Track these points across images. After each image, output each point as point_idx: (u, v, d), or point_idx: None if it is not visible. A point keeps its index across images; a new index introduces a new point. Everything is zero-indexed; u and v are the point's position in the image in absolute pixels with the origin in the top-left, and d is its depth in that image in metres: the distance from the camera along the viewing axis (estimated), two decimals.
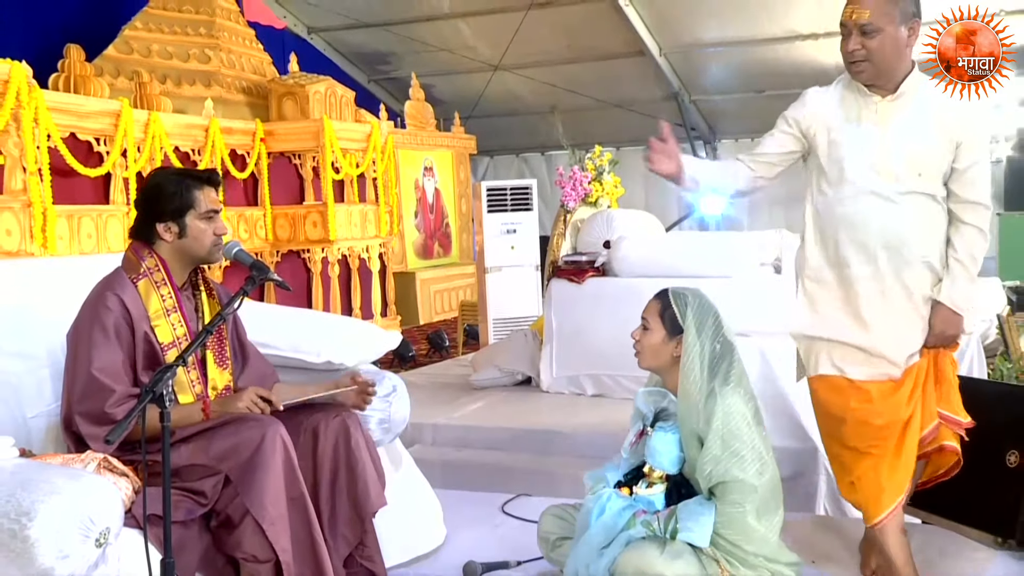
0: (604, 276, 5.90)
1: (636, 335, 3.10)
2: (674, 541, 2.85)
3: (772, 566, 2.85)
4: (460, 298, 11.79)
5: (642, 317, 3.09)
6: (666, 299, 3.05)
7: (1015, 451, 3.31)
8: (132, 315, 2.86)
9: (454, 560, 3.56)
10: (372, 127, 10.54)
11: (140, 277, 2.92)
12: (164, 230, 2.94)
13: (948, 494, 3.49)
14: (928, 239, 2.98)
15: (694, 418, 2.89)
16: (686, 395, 2.92)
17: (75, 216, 7.43)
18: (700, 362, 2.92)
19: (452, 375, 6.80)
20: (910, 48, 2.95)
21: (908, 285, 2.98)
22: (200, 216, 2.95)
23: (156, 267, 2.95)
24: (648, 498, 2.99)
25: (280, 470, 2.76)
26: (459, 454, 5.00)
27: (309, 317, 4.16)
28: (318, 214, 9.71)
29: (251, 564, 2.74)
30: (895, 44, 2.91)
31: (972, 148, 2.97)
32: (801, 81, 13.91)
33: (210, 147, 8.88)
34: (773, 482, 2.88)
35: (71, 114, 7.49)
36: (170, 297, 2.95)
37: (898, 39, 2.92)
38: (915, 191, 2.96)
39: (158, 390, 2.32)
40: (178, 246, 2.96)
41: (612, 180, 6.61)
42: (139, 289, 2.90)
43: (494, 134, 14.52)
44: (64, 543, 2.27)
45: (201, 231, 2.95)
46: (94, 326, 2.83)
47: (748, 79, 12.97)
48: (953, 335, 3.00)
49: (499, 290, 7.72)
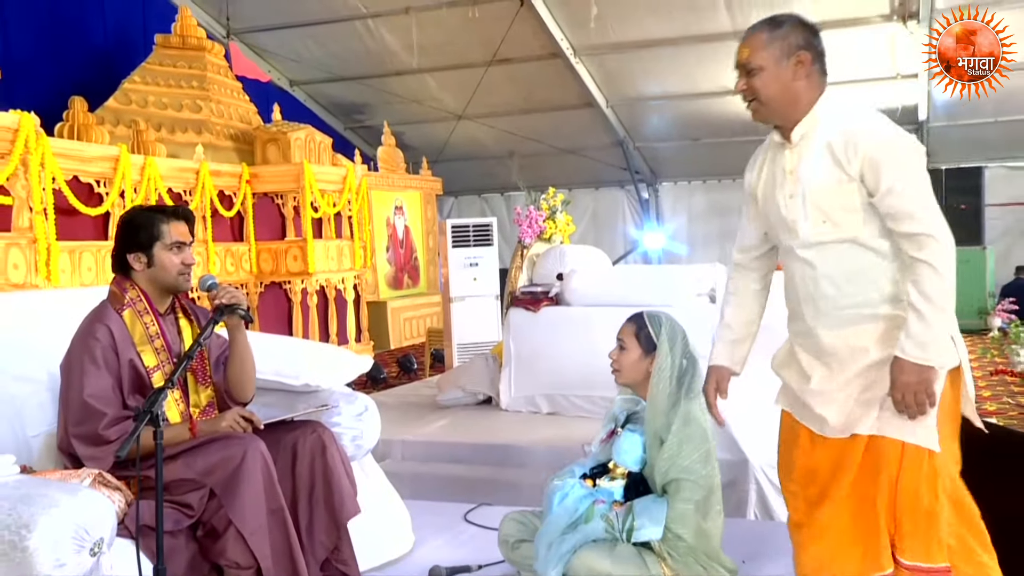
0: (557, 305, 5.91)
1: (614, 355, 3.14)
2: (624, 544, 2.87)
3: (712, 565, 2.87)
4: (427, 325, 11.76)
5: (618, 338, 3.14)
6: (641, 320, 3.11)
7: None
8: (118, 343, 2.83)
9: (421, 565, 3.54)
10: (348, 170, 10.52)
11: (124, 307, 2.90)
12: (134, 260, 2.92)
13: None
14: (856, 290, 2.37)
15: (659, 421, 2.95)
16: (654, 402, 2.98)
17: (77, 251, 7.35)
18: (670, 374, 2.99)
19: (420, 395, 6.76)
20: (803, 82, 2.41)
21: (849, 343, 2.39)
22: (166, 247, 2.91)
23: (138, 297, 2.92)
24: (609, 489, 3.04)
25: (260, 484, 2.74)
26: (426, 467, 4.96)
27: (289, 343, 4.12)
28: (298, 249, 9.66)
29: (234, 571, 2.71)
30: (778, 81, 2.39)
31: (880, 172, 2.29)
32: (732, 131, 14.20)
33: (200, 188, 8.82)
34: (718, 487, 2.92)
35: (74, 159, 7.44)
36: (153, 324, 2.92)
37: (781, 75, 2.40)
38: (826, 241, 2.38)
39: (154, 411, 2.29)
40: (148, 275, 2.93)
41: (564, 218, 6.64)
42: (124, 319, 2.88)
43: (458, 177, 14.57)
44: (61, 553, 2.23)
45: (167, 260, 2.92)
46: (84, 356, 2.80)
47: (685, 128, 13.15)
48: (917, 390, 2.26)
49: (463, 318, 7.70)
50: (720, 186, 14.31)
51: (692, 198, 14.64)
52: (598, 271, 6.33)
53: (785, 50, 2.40)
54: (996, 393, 7.03)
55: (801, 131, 2.44)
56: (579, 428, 4.64)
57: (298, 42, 12.32)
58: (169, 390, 2.46)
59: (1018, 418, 5.99)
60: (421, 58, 12.26)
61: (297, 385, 3.40)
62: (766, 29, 2.42)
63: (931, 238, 2.27)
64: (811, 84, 2.42)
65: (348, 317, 10.36)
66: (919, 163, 2.37)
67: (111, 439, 2.73)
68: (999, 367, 7.91)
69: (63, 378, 2.85)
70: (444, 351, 8.12)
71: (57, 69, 9.49)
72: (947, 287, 2.26)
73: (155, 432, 2.29)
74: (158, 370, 2.88)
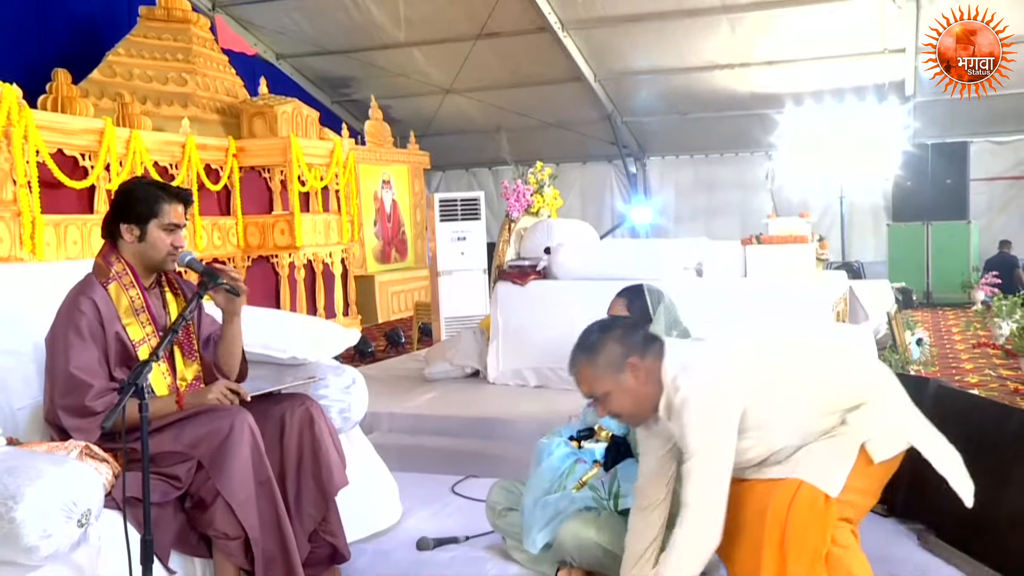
0: (545, 279, 5.92)
1: None
2: (609, 512, 2.90)
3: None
4: (415, 299, 11.75)
5: (610, 315, 3.14)
6: (632, 295, 3.10)
7: None
8: (103, 316, 2.82)
9: (409, 536, 3.57)
10: (335, 144, 10.46)
11: (110, 280, 2.88)
12: (126, 230, 2.90)
13: None
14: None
15: None
16: None
17: (62, 225, 7.29)
18: None
19: (407, 369, 6.77)
20: (646, 376, 2.42)
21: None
22: (162, 226, 2.90)
23: (124, 271, 2.91)
24: (591, 450, 3.10)
25: (248, 456, 2.74)
26: (413, 440, 4.98)
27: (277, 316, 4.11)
28: (285, 223, 9.61)
29: (222, 541, 2.72)
30: (628, 392, 2.42)
31: (683, 441, 2.37)
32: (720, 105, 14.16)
33: (186, 162, 8.75)
34: None
35: (58, 132, 7.37)
36: (139, 298, 2.91)
37: (626, 387, 2.42)
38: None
39: (140, 383, 2.28)
40: (137, 249, 2.91)
41: (552, 193, 6.63)
42: (110, 292, 2.86)
43: (446, 151, 14.50)
44: (48, 524, 2.24)
45: (159, 239, 2.90)
46: (69, 329, 2.78)
47: (673, 103, 13.11)
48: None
49: (450, 292, 7.69)
50: (707, 161, 14.30)
51: (679, 173, 14.62)
52: (586, 245, 6.34)
53: (615, 366, 2.42)
54: (978, 366, 7.09)
55: (664, 405, 2.44)
56: (566, 401, 4.65)
57: (284, 15, 12.19)
58: (155, 362, 2.45)
59: (998, 390, 6.05)
60: (408, 31, 12.16)
61: (284, 358, 3.40)
62: (586, 360, 2.45)
63: (693, 509, 2.33)
64: (652, 372, 2.43)
65: (336, 291, 10.33)
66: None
67: (97, 411, 2.73)
68: (981, 340, 7.97)
69: (48, 351, 2.84)
70: (432, 325, 8.12)
71: (40, 41, 9.36)
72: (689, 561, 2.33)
73: (141, 404, 2.29)
74: (144, 343, 2.87)
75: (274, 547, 2.78)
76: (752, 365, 2.45)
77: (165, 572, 2.64)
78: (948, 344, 8.32)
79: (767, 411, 2.38)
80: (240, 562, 2.75)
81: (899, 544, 3.21)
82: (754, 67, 11.82)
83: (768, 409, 2.38)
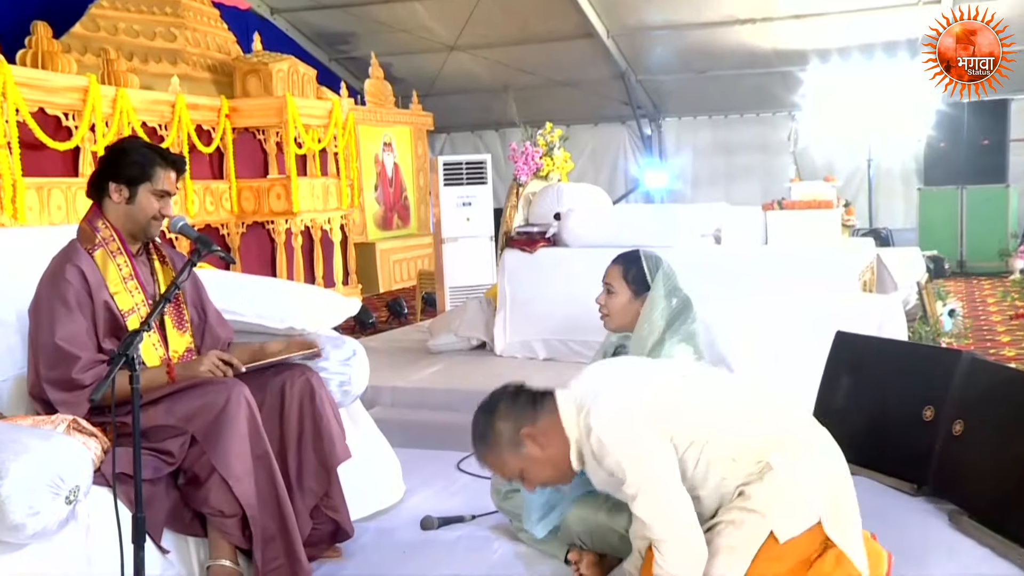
0: (554, 246, 5.90)
1: (601, 299, 3.14)
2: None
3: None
4: (418, 267, 11.74)
5: (605, 283, 3.13)
6: (628, 261, 3.09)
7: (930, 406, 3.38)
8: (91, 284, 2.82)
9: (413, 514, 3.58)
10: (333, 104, 10.41)
11: (96, 247, 2.88)
12: (115, 191, 2.89)
13: (871, 447, 3.56)
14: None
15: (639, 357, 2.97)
16: (639, 338, 3.00)
17: (45, 188, 7.28)
18: (660, 313, 2.99)
19: (410, 340, 6.77)
20: (548, 439, 2.43)
21: None
22: (153, 192, 2.91)
23: (111, 236, 2.90)
24: None
25: (245, 429, 2.75)
26: (417, 415, 4.98)
27: (272, 285, 4.11)
28: (282, 187, 9.59)
29: (218, 518, 2.73)
30: (538, 464, 2.45)
31: (619, 477, 2.37)
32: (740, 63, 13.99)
33: (176, 122, 8.72)
34: None
35: (39, 89, 7.33)
36: (126, 265, 2.91)
37: (534, 460, 2.45)
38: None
39: (130, 354, 2.27)
40: (123, 211, 2.91)
41: (562, 155, 6.59)
42: (96, 259, 2.86)
43: (450, 111, 14.43)
44: (35, 500, 2.25)
45: (148, 205, 2.91)
46: (54, 299, 2.78)
47: (691, 60, 13.00)
48: None
49: (455, 260, 7.67)
50: (727, 122, 14.20)
51: (697, 134, 14.53)
52: (597, 211, 6.31)
53: (513, 444, 2.44)
54: (1016, 338, 7.05)
55: (576, 456, 2.44)
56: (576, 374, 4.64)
57: None
58: (145, 333, 2.45)
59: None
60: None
61: (281, 329, 3.40)
62: (484, 450, 2.50)
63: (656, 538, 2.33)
64: (552, 431, 2.42)
65: (335, 259, 10.33)
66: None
67: (85, 384, 2.73)
68: (1020, 311, 7.93)
69: (32, 322, 2.84)
70: (436, 294, 8.11)
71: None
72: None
73: (131, 376, 2.28)
74: (133, 313, 2.87)
75: (273, 525, 2.80)
76: (658, 393, 2.43)
77: (158, 551, 2.65)
78: (983, 315, 8.29)
79: (687, 439, 2.35)
80: (237, 540, 2.77)
81: (929, 524, 3.21)
82: (777, 21, 11.69)
83: (686, 440, 2.35)
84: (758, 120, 13.93)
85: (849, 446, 3.48)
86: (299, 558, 2.84)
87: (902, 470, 3.45)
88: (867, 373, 3.72)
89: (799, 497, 2.33)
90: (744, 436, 2.39)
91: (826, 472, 2.42)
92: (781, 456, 2.35)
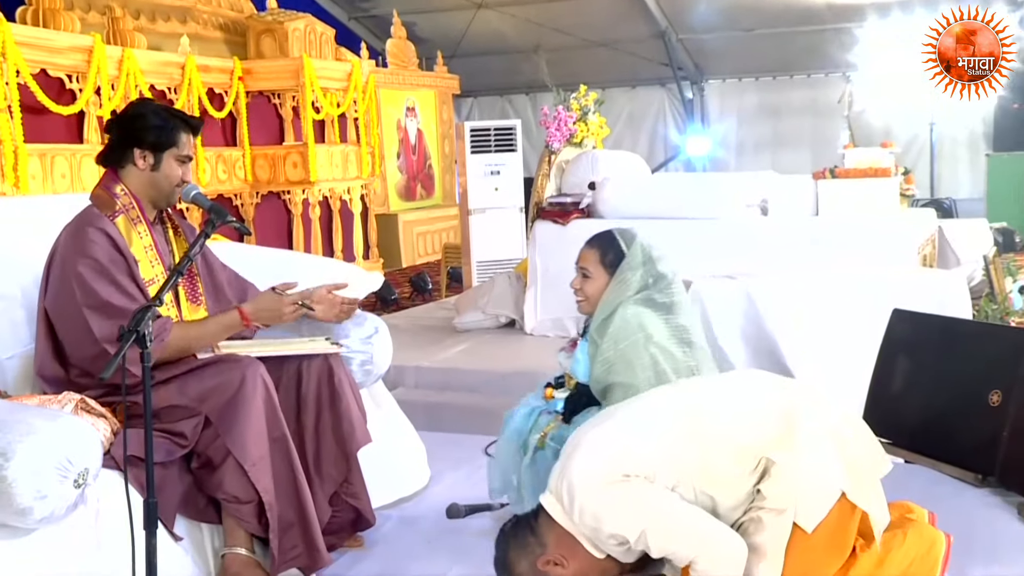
0: (589, 218, 5.89)
1: (576, 284, 3.15)
2: None
3: None
4: (443, 240, 11.76)
5: (579, 266, 3.14)
6: (605, 244, 3.10)
7: (997, 390, 3.34)
8: (120, 246, 2.82)
9: (438, 502, 3.59)
10: (353, 66, 10.41)
11: (117, 214, 2.87)
12: (140, 156, 2.90)
13: (932, 434, 3.53)
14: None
15: (598, 323, 3.02)
16: (603, 305, 3.01)
17: (48, 155, 7.33)
18: (628, 286, 2.99)
19: (435, 318, 6.80)
20: (566, 553, 2.40)
21: None
22: (177, 157, 2.92)
23: (131, 204, 2.91)
24: (556, 401, 3.19)
25: (261, 411, 2.77)
26: (442, 396, 5.01)
27: (290, 258, 4.15)
28: (298, 155, 9.62)
29: (233, 505, 2.75)
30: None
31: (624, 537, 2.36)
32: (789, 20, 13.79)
33: (186, 85, 8.75)
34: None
35: (41, 49, 7.34)
36: (146, 234, 2.93)
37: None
38: None
39: (141, 330, 2.26)
40: (147, 179, 2.91)
41: (597, 120, 6.57)
42: (118, 226, 2.86)
43: (477, 74, 14.38)
44: (42, 484, 2.27)
45: (172, 171, 2.92)
46: (85, 262, 2.75)
47: (736, 17, 12.85)
48: None
49: (483, 232, 7.69)
50: (775, 84, 14.06)
51: (743, 98, 14.40)
52: (635, 180, 6.29)
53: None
54: None
55: (593, 547, 2.40)
56: None
57: None
58: (157, 307, 2.45)
59: None
60: None
61: None
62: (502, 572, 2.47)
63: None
64: (565, 545, 2.38)
65: (355, 231, 10.36)
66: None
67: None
68: None
69: (61, 293, 2.80)
70: (462, 269, 8.13)
71: None
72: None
73: (142, 354, 2.28)
74: (153, 283, 2.88)
75: (290, 511, 2.82)
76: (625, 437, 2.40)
77: (170, 538, 2.68)
78: None
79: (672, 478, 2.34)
80: (253, 528, 2.79)
81: (996, 518, 3.19)
82: None
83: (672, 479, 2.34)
84: (809, 82, 13.77)
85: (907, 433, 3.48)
86: (318, 546, 2.86)
87: (965, 459, 3.42)
88: (927, 355, 3.68)
89: (814, 481, 2.34)
90: (730, 450, 2.38)
91: (832, 437, 2.40)
92: (778, 447, 2.35)
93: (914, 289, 4.48)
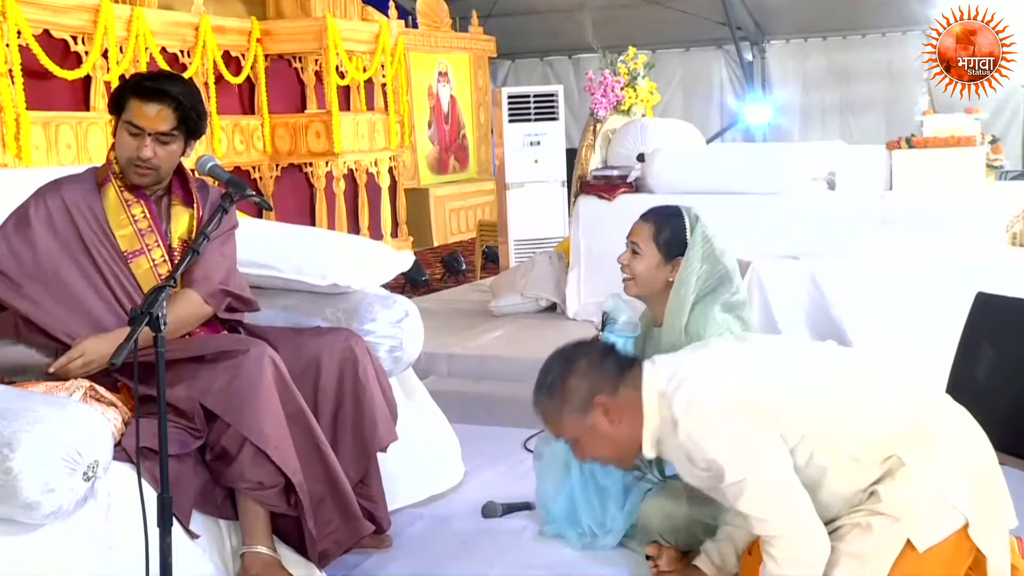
0: (637, 192, 5.88)
1: (624, 259, 3.13)
2: None
3: None
4: (478, 217, 11.77)
5: (631, 241, 3.12)
6: (663, 220, 3.08)
7: None
8: (72, 212, 2.92)
9: (473, 500, 3.62)
10: (381, 27, 10.42)
11: (106, 182, 2.98)
12: (110, 122, 2.98)
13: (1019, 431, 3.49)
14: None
15: (675, 336, 2.98)
16: (672, 315, 3.00)
17: (52, 124, 7.39)
18: (695, 281, 2.98)
19: (470, 301, 6.82)
20: (620, 415, 2.45)
21: None
22: (124, 124, 2.91)
23: (120, 173, 2.98)
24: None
25: (272, 389, 2.79)
26: (478, 386, 5.03)
27: (313, 236, 4.17)
28: (321, 124, 9.65)
29: (258, 492, 2.77)
30: (600, 439, 2.47)
31: (712, 473, 2.42)
32: None
33: (200, 48, 8.80)
34: None
35: (44, 8, 7.39)
36: (136, 204, 2.98)
37: (597, 433, 2.47)
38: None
39: (154, 312, 2.27)
40: (116, 146, 2.98)
41: (647, 86, 6.54)
42: (102, 192, 2.96)
43: (516, 35, 14.34)
44: (50, 476, 2.31)
45: (122, 140, 2.93)
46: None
47: None
48: None
49: (521, 208, 7.69)
50: (845, 44, 13.90)
51: (808, 60, 14.27)
52: (688, 151, 6.26)
53: (580, 408, 2.44)
54: None
55: (651, 443, 2.46)
56: None
57: None
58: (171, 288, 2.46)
59: None
60: None
61: (323, 285, 3.43)
62: (546, 402, 2.50)
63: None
64: (628, 408, 2.43)
65: (382, 207, 10.40)
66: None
67: None
68: None
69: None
70: (498, 249, 8.14)
71: None
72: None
73: (155, 338, 2.30)
74: (140, 255, 2.94)
75: (320, 487, 2.86)
76: (757, 379, 2.38)
77: (186, 536, 2.71)
78: None
79: (797, 432, 2.31)
80: (282, 509, 2.83)
81: None
82: None
83: (796, 433, 2.31)
84: (883, 41, 13.59)
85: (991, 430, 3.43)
86: (355, 515, 2.92)
87: None
88: (1015, 343, 3.63)
89: (941, 497, 2.26)
90: (866, 429, 2.33)
91: (970, 463, 2.34)
92: (915, 449, 2.29)
93: (1001, 271, 4.44)
